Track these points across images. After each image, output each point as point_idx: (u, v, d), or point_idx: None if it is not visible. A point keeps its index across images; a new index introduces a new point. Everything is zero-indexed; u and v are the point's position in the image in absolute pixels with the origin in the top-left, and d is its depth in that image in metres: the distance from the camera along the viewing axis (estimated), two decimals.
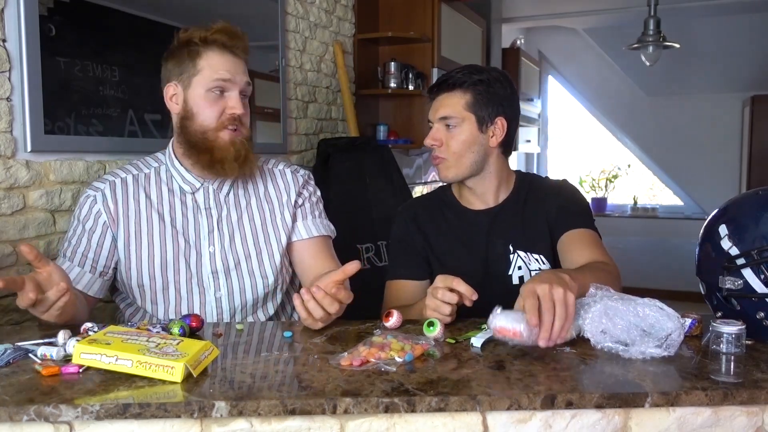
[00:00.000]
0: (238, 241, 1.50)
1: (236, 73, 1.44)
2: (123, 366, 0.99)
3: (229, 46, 1.44)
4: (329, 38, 3.12)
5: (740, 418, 0.97)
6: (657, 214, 6.35)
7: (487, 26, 4.64)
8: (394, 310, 1.28)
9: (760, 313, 1.17)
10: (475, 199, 1.60)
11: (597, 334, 1.11)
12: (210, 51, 1.43)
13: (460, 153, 1.53)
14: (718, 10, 5.20)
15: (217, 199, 1.51)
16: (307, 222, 1.58)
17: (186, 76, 1.43)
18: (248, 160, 1.46)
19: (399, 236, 1.64)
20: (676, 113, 6.15)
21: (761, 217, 1.19)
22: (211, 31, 1.43)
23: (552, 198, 1.59)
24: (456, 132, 1.52)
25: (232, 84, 1.43)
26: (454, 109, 1.52)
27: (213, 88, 1.42)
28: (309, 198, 1.60)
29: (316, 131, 3.05)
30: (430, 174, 4.17)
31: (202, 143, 1.43)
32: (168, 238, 1.46)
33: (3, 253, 1.57)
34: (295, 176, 1.61)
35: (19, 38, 1.57)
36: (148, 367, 0.98)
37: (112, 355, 0.99)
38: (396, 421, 0.93)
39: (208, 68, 1.42)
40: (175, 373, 0.97)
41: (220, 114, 1.43)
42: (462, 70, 1.54)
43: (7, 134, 1.57)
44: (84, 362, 1.00)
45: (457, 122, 1.52)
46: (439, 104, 1.54)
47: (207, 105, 1.42)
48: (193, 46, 1.43)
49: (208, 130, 1.42)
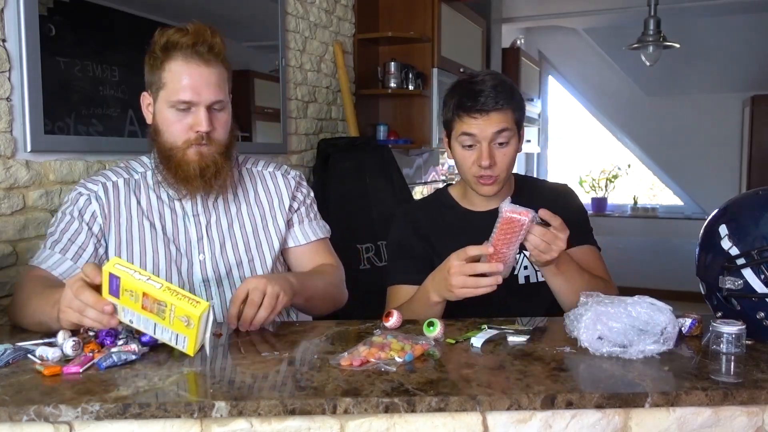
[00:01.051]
0: (229, 249, 1.46)
1: (201, 87, 1.32)
2: (151, 286, 1.00)
3: (196, 52, 1.32)
4: (329, 38, 3.12)
5: (740, 418, 0.97)
6: (657, 214, 6.35)
7: (487, 26, 4.64)
8: (394, 310, 1.28)
9: (760, 313, 1.17)
10: (480, 201, 1.58)
11: (594, 341, 1.11)
12: (172, 60, 1.32)
13: (509, 168, 1.50)
14: (718, 10, 5.20)
15: (206, 206, 1.46)
16: (303, 226, 1.55)
17: (155, 87, 1.36)
18: (219, 176, 1.38)
19: (398, 240, 1.62)
20: (676, 113, 6.15)
21: (761, 217, 1.19)
22: (175, 34, 1.32)
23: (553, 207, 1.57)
24: (507, 149, 1.47)
25: (196, 99, 1.32)
26: (507, 125, 1.46)
27: (176, 105, 1.33)
28: (303, 201, 1.57)
29: (316, 131, 3.05)
30: (430, 174, 4.17)
31: (167, 160, 1.37)
32: (160, 245, 1.42)
33: (3, 253, 1.57)
34: (287, 179, 1.56)
35: (19, 38, 1.57)
36: (175, 294, 0.99)
37: (146, 275, 1.01)
38: (396, 421, 0.93)
39: (170, 82, 1.32)
40: (198, 307, 0.99)
41: (186, 131, 1.34)
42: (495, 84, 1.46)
43: (7, 134, 1.57)
44: (116, 272, 1.00)
45: (509, 137, 1.47)
46: (487, 123, 1.45)
47: (171, 122, 1.35)
48: (156, 54, 1.34)
49: (174, 148, 1.36)
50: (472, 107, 1.44)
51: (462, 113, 1.46)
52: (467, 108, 1.45)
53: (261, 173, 1.56)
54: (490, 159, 1.45)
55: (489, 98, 1.43)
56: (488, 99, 1.43)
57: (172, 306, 1.01)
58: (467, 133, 1.46)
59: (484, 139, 1.45)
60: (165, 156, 1.38)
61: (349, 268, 1.56)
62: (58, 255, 1.35)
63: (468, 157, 1.48)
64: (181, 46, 1.32)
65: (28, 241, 1.62)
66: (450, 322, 1.28)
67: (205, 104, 1.34)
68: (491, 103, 1.43)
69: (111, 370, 1.02)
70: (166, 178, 1.40)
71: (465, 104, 1.45)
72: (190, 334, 1.04)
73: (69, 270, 1.35)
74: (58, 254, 1.35)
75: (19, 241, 1.60)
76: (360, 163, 3.02)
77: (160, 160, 1.40)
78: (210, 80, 1.34)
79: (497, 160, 1.46)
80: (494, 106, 1.44)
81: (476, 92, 1.44)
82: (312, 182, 2.92)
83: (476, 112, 1.44)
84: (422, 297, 1.39)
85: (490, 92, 1.44)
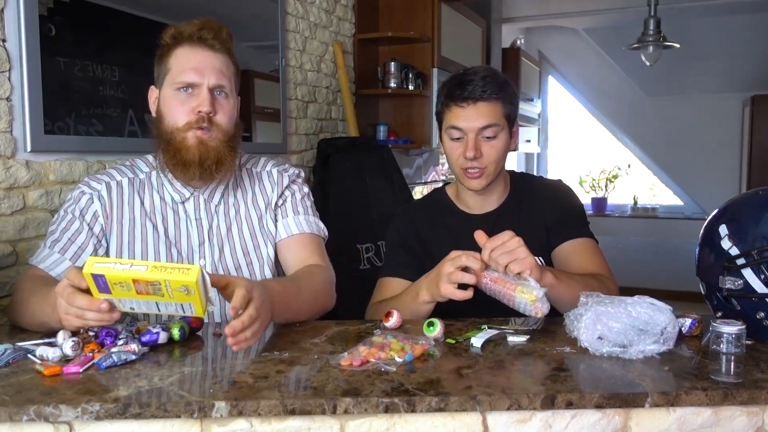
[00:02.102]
0: (228, 253, 1.44)
1: (205, 68, 1.34)
2: (138, 271, 0.98)
3: (200, 38, 1.36)
4: (329, 38, 3.12)
5: (740, 418, 0.97)
6: (657, 214, 6.36)
7: (487, 26, 4.64)
8: (394, 310, 1.28)
9: (760, 313, 1.17)
10: (476, 202, 1.58)
11: (594, 341, 1.11)
12: (180, 47, 1.36)
13: (498, 162, 1.49)
14: (718, 10, 5.21)
15: (208, 209, 1.45)
16: (287, 220, 1.49)
17: (160, 77, 1.38)
18: (220, 167, 1.36)
19: (397, 239, 1.62)
20: (676, 113, 6.15)
21: (761, 217, 1.19)
22: (180, 25, 1.37)
23: (549, 203, 1.58)
24: (495, 142, 1.47)
25: (199, 79, 1.34)
26: (495, 118, 1.46)
27: (180, 86, 1.34)
28: (292, 196, 1.52)
29: (316, 131, 3.05)
30: (430, 174, 4.17)
31: (168, 144, 1.36)
32: (162, 248, 1.40)
33: (3, 253, 1.57)
34: (281, 176, 1.53)
35: (19, 38, 1.57)
36: (163, 270, 0.98)
37: (126, 263, 0.99)
38: (396, 421, 0.93)
39: (175, 66, 1.35)
40: (191, 273, 0.97)
41: (188, 113, 1.35)
42: (485, 75, 1.46)
43: (7, 134, 1.57)
44: (97, 271, 0.98)
45: (497, 131, 1.47)
46: (474, 113, 1.45)
47: (174, 104, 1.35)
48: (164, 46, 1.38)
49: (175, 130, 1.35)
50: (459, 95, 1.45)
51: (450, 102, 1.47)
52: (455, 97, 1.46)
53: (260, 173, 1.53)
54: (476, 150, 1.45)
55: (477, 87, 1.44)
56: (476, 88, 1.44)
57: (165, 282, 0.99)
58: (455, 126, 1.47)
59: (470, 131, 1.46)
60: (166, 140, 1.36)
61: (349, 268, 1.56)
62: (57, 255, 1.35)
63: (455, 149, 1.49)
64: (187, 34, 1.36)
65: (28, 241, 1.62)
66: (450, 322, 1.28)
67: (208, 86, 1.35)
68: (478, 91, 1.44)
69: (111, 370, 1.02)
70: (167, 165, 1.37)
71: (453, 93, 1.47)
72: (194, 299, 1.03)
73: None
74: (57, 254, 1.35)
75: (19, 241, 1.61)
76: (360, 163, 3.02)
77: (161, 147, 1.38)
78: (214, 64, 1.36)
79: (484, 152, 1.47)
80: (481, 94, 1.44)
81: (465, 82, 1.46)
82: (312, 182, 2.92)
83: (463, 101, 1.45)
84: (413, 293, 1.39)
85: (479, 82, 1.45)
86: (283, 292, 1.26)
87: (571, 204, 1.61)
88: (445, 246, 1.55)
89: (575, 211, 1.60)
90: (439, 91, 1.54)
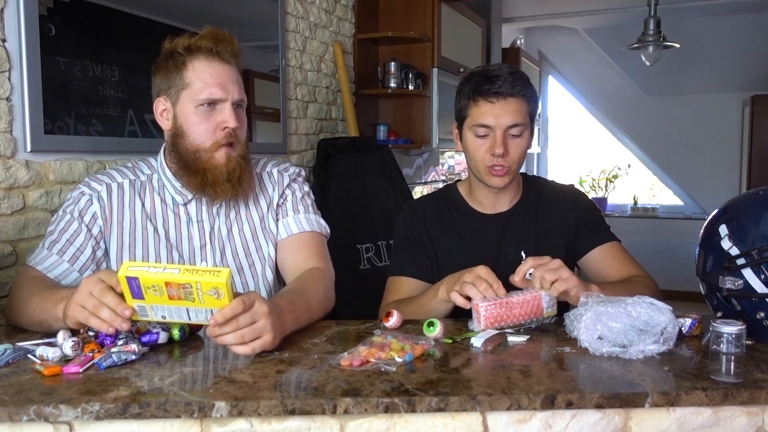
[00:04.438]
0: (229, 256, 1.43)
1: (227, 83, 1.33)
2: (170, 274, 1.01)
3: (217, 52, 1.34)
4: (329, 38, 3.12)
5: (740, 418, 0.97)
6: (657, 214, 6.36)
7: (487, 26, 4.64)
8: (394, 310, 1.28)
9: (760, 313, 1.17)
10: (490, 201, 1.56)
11: (593, 341, 1.11)
12: (196, 60, 1.33)
13: (520, 161, 1.49)
14: (718, 10, 5.21)
15: (210, 211, 1.44)
16: (287, 220, 1.48)
17: (174, 90, 1.34)
18: (243, 181, 1.37)
19: (406, 234, 1.58)
20: (676, 113, 6.15)
21: (761, 217, 1.19)
22: (195, 38, 1.33)
23: (568, 210, 1.57)
24: (520, 140, 1.46)
25: (224, 95, 1.33)
26: (522, 116, 1.44)
27: (204, 103, 1.32)
28: (292, 195, 1.50)
29: (316, 131, 3.05)
30: (430, 174, 4.17)
31: (194, 163, 1.34)
32: (163, 251, 1.39)
33: (3, 253, 1.57)
34: (282, 176, 1.52)
35: (19, 38, 1.57)
36: (195, 272, 1.01)
37: (160, 266, 1.03)
38: (396, 421, 0.93)
39: (197, 81, 1.32)
40: (222, 275, 1.00)
41: (214, 130, 1.33)
42: (512, 71, 1.45)
43: (6, 134, 1.57)
44: (132, 273, 1.02)
45: (522, 130, 1.46)
46: (504, 110, 1.43)
47: (198, 121, 1.33)
48: (177, 57, 1.33)
49: (201, 150, 1.33)
50: (489, 90, 1.43)
51: (478, 97, 1.44)
52: (484, 92, 1.43)
53: (260, 175, 1.52)
54: (504, 147, 1.43)
55: (506, 82, 1.43)
56: (505, 83, 1.43)
57: (197, 284, 1.01)
58: (483, 124, 1.44)
59: (498, 128, 1.44)
60: (189, 159, 1.34)
61: (349, 268, 1.56)
62: (55, 257, 1.33)
63: (481, 146, 1.47)
64: (203, 47, 1.34)
65: (27, 241, 1.62)
66: (450, 322, 1.28)
67: (232, 101, 1.34)
68: (508, 87, 1.43)
69: (111, 370, 1.02)
70: (190, 183, 1.36)
71: (481, 88, 1.44)
72: (222, 304, 1.03)
73: (65, 273, 1.33)
74: (55, 255, 1.33)
75: (18, 241, 1.61)
76: (360, 163, 3.02)
77: (182, 164, 1.36)
78: (233, 78, 1.36)
79: (510, 150, 1.45)
80: (511, 90, 1.43)
81: (493, 77, 1.44)
82: (312, 182, 2.92)
83: (493, 96, 1.43)
84: (433, 291, 1.37)
85: (507, 77, 1.43)
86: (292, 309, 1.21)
87: (591, 208, 1.61)
88: (452, 243, 1.54)
89: (593, 216, 1.60)
90: (461, 88, 1.50)
